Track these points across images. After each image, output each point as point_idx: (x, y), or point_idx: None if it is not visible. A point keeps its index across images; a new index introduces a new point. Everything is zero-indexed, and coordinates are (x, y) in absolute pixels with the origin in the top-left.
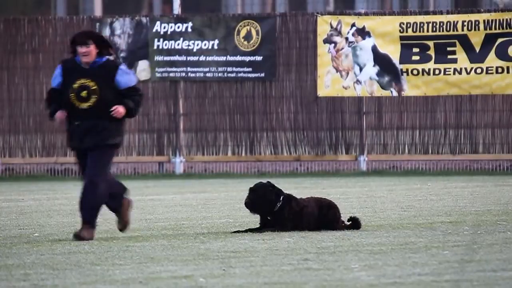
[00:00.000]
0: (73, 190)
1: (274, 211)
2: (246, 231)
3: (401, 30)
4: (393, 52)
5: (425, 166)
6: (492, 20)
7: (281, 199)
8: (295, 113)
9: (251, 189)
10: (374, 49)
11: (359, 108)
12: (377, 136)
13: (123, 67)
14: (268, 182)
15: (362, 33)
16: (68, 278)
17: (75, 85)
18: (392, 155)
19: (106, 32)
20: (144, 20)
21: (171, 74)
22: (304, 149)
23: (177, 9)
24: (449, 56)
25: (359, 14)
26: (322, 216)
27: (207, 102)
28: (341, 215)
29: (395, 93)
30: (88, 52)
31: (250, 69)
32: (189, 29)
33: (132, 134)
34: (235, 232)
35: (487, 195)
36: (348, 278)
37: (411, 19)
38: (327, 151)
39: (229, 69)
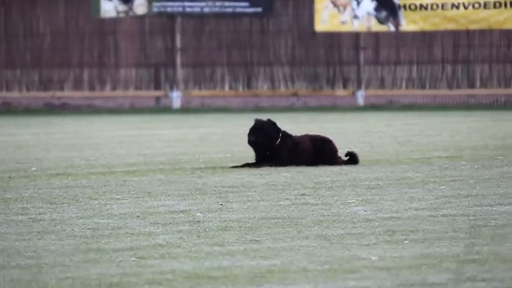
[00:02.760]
0: (70, 125)
1: (274, 147)
2: (243, 166)
3: None
4: None
5: (422, 101)
6: None
7: (280, 135)
8: (292, 48)
9: (254, 128)
10: None
11: (356, 43)
12: (374, 71)
13: None
14: (269, 119)
15: None
16: (65, 212)
17: None
18: (389, 90)
19: None
20: None
21: (168, 9)
22: (301, 84)
23: None
24: None
25: None
26: (318, 152)
27: (204, 37)
28: (339, 150)
29: (392, 28)
30: None
31: (247, 3)
32: None
33: (129, 69)
34: (232, 167)
35: (484, 130)
36: (345, 213)
37: None
38: (324, 86)
39: (226, 3)
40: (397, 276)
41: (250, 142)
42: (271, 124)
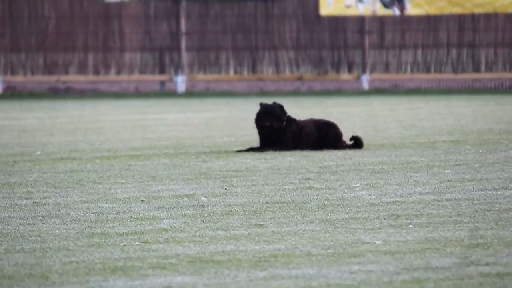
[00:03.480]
0: (74, 109)
1: (280, 130)
2: (248, 150)
3: None
4: None
5: (427, 85)
6: None
7: (285, 119)
8: (297, 32)
9: (266, 112)
10: None
11: (361, 27)
12: (379, 55)
13: None
14: (274, 102)
15: None
16: (70, 196)
17: None
18: (394, 74)
19: None
20: None
21: None
22: (306, 68)
23: None
24: None
25: None
26: (323, 136)
27: (209, 21)
28: (343, 134)
29: (397, 12)
30: None
31: None
32: None
33: (134, 53)
34: (237, 151)
35: (489, 114)
36: (350, 197)
37: None
38: (329, 70)
39: None
40: (401, 260)
41: (265, 127)
42: (280, 107)
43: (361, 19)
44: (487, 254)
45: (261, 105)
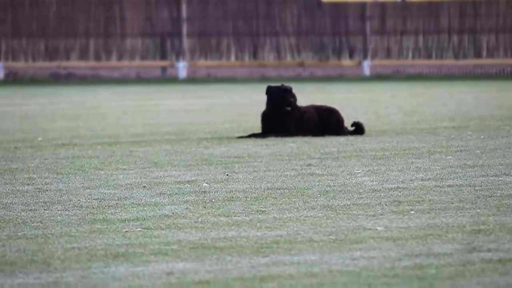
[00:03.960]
0: (75, 95)
1: (282, 116)
2: (249, 136)
3: None
4: None
5: (428, 71)
6: None
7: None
8: (298, 17)
9: (287, 90)
10: None
11: (362, 13)
12: (380, 41)
13: None
14: (282, 84)
15: None
16: (72, 182)
17: None
18: (396, 60)
19: None
20: None
21: None
22: (307, 54)
23: None
24: None
25: None
26: (324, 122)
27: (210, 6)
28: (345, 120)
29: None
30: None
31: None
32: None
33: (135, 39)
34: (238, 137)
35: (491, 100)
36: (352, 183)
37: None
38: (330, 56)
39: None
40: (403, 247)
41: (290, 103)
42: (291, 88)
43: (362, 5)
44: (489, 240)
45: (272, 87)
